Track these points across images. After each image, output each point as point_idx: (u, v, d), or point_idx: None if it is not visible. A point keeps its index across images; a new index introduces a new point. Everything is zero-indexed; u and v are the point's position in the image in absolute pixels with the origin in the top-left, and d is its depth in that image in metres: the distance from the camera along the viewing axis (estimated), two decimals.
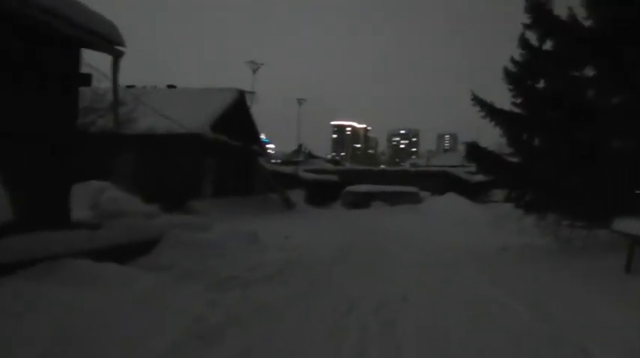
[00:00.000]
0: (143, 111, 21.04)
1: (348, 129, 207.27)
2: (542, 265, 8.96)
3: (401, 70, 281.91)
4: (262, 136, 33.78)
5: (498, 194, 31.36)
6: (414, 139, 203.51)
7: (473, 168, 44.59)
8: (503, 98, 11.72)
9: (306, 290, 6.48)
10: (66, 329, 3.72)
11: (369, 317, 5.26)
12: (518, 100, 11.56)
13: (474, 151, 11.60)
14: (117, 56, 6.69)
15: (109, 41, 6.50)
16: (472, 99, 11.28)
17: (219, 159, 25.54)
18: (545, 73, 10.84)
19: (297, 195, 31.79)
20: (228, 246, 8.10)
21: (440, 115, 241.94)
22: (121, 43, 6.70)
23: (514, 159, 11.64)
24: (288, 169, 37.36)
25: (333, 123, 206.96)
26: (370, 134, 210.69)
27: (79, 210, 11.34)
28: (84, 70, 7.56)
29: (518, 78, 11.21)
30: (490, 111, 11.11)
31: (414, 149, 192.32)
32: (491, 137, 15.06)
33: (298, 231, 15.35)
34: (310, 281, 6.97)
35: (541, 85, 11.16)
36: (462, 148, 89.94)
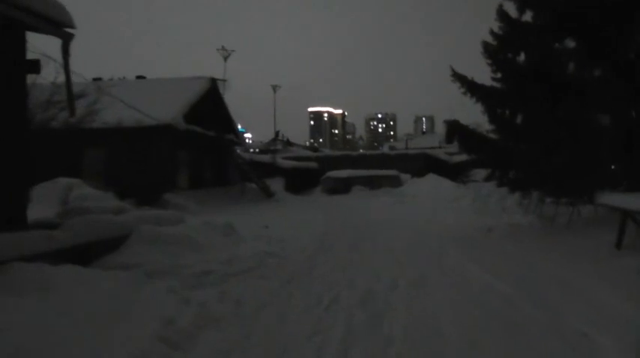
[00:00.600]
0: (111, 103, 20.25)
1: (325, 115, 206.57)
2: (529, 245, 8.69)
3: (375, 55, 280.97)
4: (239, 126, 33.08)
5: (479, 173, 31.36)
6: (392, 123, 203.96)
7: (452, 148, 44.62)
8: (484, 75, 11.41)
9: (287, 283, 6.06)
10: (8, 348, 3.22)
11: (354, 310, 4.87)
12: (498, 75, 11.22)
13: (456, 130, 11.26)
14: (66, 39, 6.09)
15: (56, 23, 5.90)
16: (452, 76, 10.91)
17: (194, 150, 24.87)
18: (525, 46, 10.50)
19: (276, 184, 31.28)
20: (202, 239, 7.61)
21: (416, 98, 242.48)
22: (71, 25, 6.10)
23: (496, 137, 11.33)
24: (265, 158, 36.76)
25: (310, 109, 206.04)
26: (347, 119, 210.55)
27: (48, 209, 10.74)
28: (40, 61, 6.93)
29: (497, 52, 10.86)
30: (470, 87, 10.75)
31: (391, 133, 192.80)
32: (469, 118, 14.71)
33: (278, 220, 14.93)
34: (291, 273, 6.55)
35: (522, 58, 10.80)
36: (440, 130, 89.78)
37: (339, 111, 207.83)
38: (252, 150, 63.26)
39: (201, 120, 24.03)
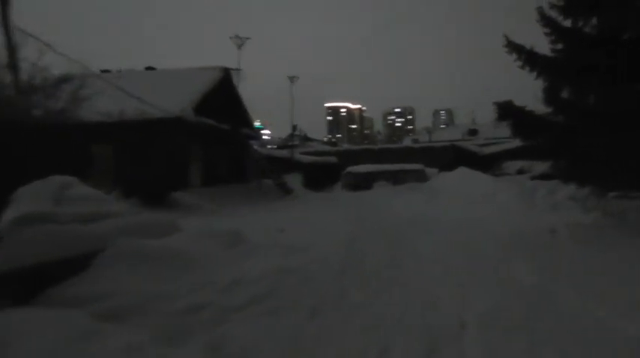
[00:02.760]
0: (116, 95, 18.75)
1: (343, 110, 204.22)
2: (617, 252, 6.76)
3: (392, 49, 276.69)
4: (257, 122, 31.48)
5: (512, 166, 29.22)
6: (410, 117, 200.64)
7: (479, 140, 42.33)
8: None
9: (311, 320, 4.29)
10: None
11: None
12: (559, 46, 9.26)
13: (509, 112, 9.30)
14: None
15: None
16: (505, 46, 8.97)
17: (206, 144, 23.27)
18: (596, 7, 8.51)
19: (294, 180, 29.64)
20: (199, 254, 5.88)
21: (434, 91, 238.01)
22: None
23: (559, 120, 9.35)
24: (283, 153, 35.13)
25: (327, 105, 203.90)
26: (365, 114, 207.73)
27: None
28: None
29: (559, 18, 8.89)
30: (529, 57, 8.80)
31: (410, 127, 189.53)
32: (488, 111, 12.58)
33: (296, 221, 13.19)
34: (313, 305, 4.75)
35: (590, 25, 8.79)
36: (462, 121, 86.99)
37: (357, 106, 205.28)
38: (269, 146, 61.85)
39: (214, 112, 22.42)
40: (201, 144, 22.80)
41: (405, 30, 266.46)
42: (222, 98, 24.14)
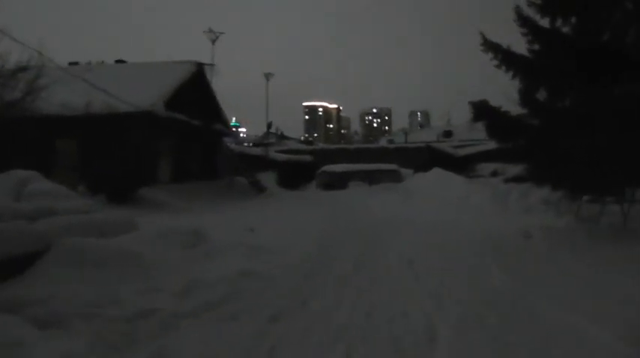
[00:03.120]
0: (83, 89, 18.09)
1: (320, 109, 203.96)
2: (594, 257, 6.59)
3: (370, 49, 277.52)
4: (233, 119, 30.93)
5: (486, 168, 29.31)
6: (387, 118, 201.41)
7: (453, 142, 42.51)
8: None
9: (265, 332, 3.92)
10: None
11: None
12: (536, 47, 9.09)
13: (483, 112, 9.09)
14: None
15: None
16: (482, 44, 8.75)
17: (177, 140, 22.65)
18: (572, 9, 8.36)
19: (268, 178, 29.17)
20: (153, 255, 5.47)
21: (410, 93, 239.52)
22: None
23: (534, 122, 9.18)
24: (257, 151, 34.62)
25: (304, 104, 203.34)
26: (342, 114, 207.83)
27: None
28: None
29: (535, 18, 8.72)
30: (506, 57, 8.60)
31: (386, 127, 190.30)
32: (464, 113, 12.42)
33: (267, 220, 12.82)
34: (274, 310, 4.39)
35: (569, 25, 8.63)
36: (436, 123, 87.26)
37: (334, 106, 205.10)
38: (246, 144, 61.14)
39: (186, 107, 21.84)
40: (172, 140, 22.20)
41: (382, 29, 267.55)
42: (195, 93, 23.57)
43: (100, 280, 4.70)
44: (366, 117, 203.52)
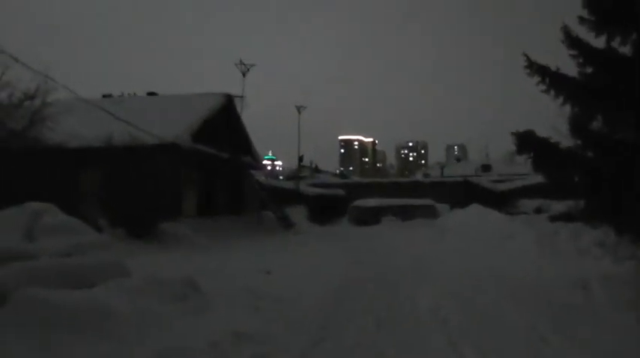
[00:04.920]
0: (107, 120, 17.90)
1: (356, 143, 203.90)
2: None
3: (405, 81, 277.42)
4: (269, 153, 30.55)
5: (529, 204, 27.57)
6: (423, 151, 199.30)
7: (493, 176, 40.75)
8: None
9: None
10: None
11: None
12: (588, 70, 7.97)
13: (528, 143, 7.95)
14: None
15: None
16: (526, 67, 7.71)
17: (203, 173, 22.10)
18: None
19: (298, 213, 28.29)
20: (131, 311, 4.52)
21: (447, 127, 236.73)
22: None
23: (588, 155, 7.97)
24: (288, 184, 33.86)
25: (340, 137, 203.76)
26: (378, 147, 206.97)
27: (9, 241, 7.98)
28: None
29: (592, 32, 7.62)
30: (554, 80, 7.51)
31: (422, 161, 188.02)
32: (502, 146, 11.27)
33: (289, 260, 11.83)
34: None
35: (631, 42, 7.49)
36: (475, 157, 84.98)
37: (370, 140, 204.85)
38: (281, 177, 60.84)
39: (214, 140, 21.38)
40: (198, 173, 21.66)
41: (418, 63, 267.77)
42: (224, 125, 23.13)
43: (53, 345, 3.77)
44: (402, 151, 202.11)
